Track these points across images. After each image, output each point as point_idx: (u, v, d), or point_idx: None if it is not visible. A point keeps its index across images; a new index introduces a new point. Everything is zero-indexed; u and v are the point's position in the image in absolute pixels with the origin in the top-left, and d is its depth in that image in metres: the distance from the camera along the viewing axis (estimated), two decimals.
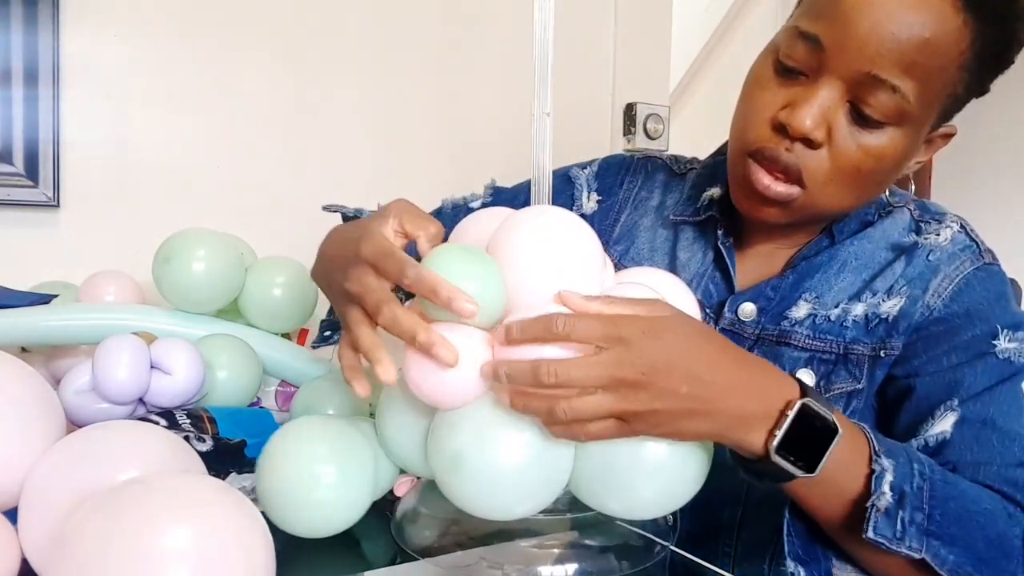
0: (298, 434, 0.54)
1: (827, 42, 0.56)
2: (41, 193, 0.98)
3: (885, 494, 0.49)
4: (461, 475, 0.47)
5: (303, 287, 0.85)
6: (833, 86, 0.57)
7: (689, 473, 0.49)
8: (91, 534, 0.33)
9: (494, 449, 0.46)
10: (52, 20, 0.97)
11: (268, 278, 0.84)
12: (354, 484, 0.54)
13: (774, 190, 0.60)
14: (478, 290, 0.46)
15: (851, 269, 0.66)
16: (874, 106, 0.56)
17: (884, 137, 0.57)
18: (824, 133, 0.57)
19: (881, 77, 0.55)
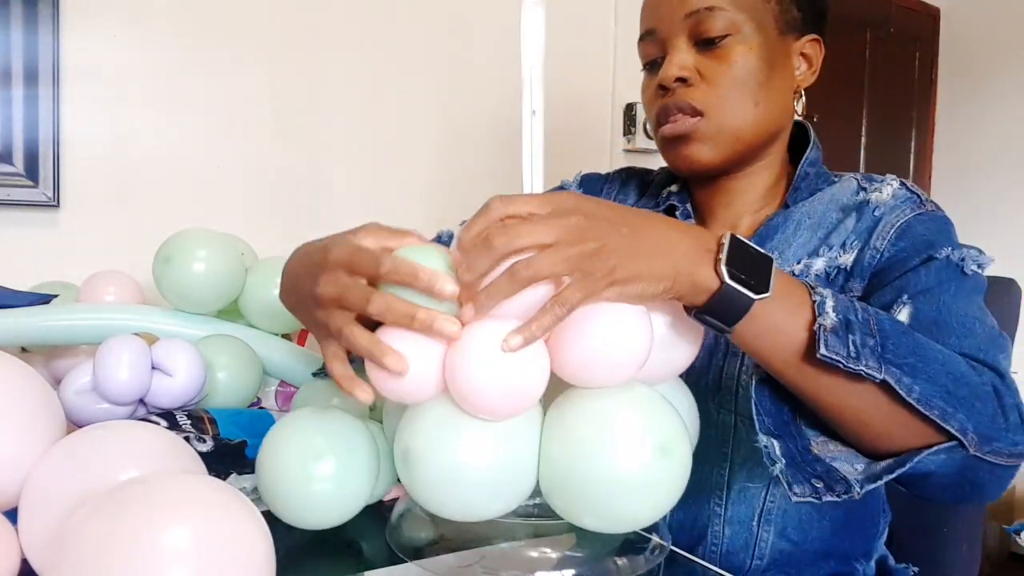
0: (297, 425, 0.55)
1: (655, 26, 0.72)
2: (41, 193, 0.98)
3: (829, 314, 0.50)
4: (412, 473, 0.47)
5: None
6: (676, 42, 0.71)
7: (663, 487, 0.47)
8: (91, 534, 0.33)
9: (443, 446, 0.46)
10: (52, 20, 0.97)
11: (268, 278, 0.84)
12: (352, 476, 0.54)
13: (678, 127, 0.71)
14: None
15: (806, 227, 0.72)
16: (708, 28, 0.69)
17: (734, 46, 0.70)
18: (690, 71, 0.70)
19: (695, 9, 0.69)
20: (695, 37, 0.70)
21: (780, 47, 0.72)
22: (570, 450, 0.47)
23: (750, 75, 0.70)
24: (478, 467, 0.46)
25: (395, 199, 1.28)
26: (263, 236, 0.96)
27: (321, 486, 0.53)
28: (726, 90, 0.70)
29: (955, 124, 2.75)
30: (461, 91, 1.32)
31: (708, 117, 0.70)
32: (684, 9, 0.70)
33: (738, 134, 0.71)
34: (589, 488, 0.46)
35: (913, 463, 0.49)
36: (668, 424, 0.48)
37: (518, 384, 0.45)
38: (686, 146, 0.71)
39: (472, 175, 1.35)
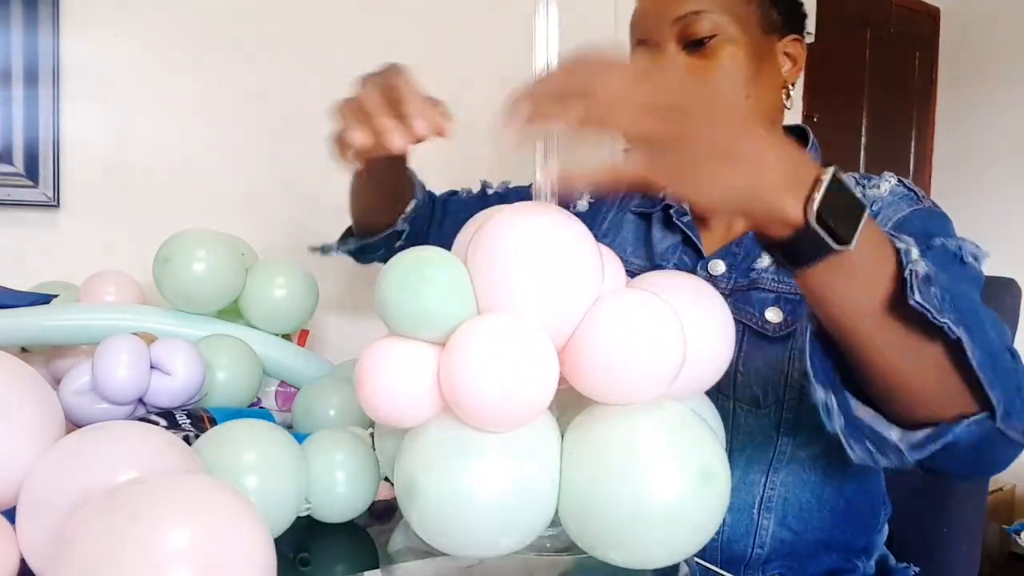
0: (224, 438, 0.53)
1: (647, 35, 0.76)
2: (41, 193, 0.98)
3: (919, 262, 0.47)
4: (417, 504, 0.43)
5: (303, 288, 0.85)
6: (666, 47, 0.75)
7: (705, 516, 0.42)
8: (90, 535, 0.33)
9: (450, 476, 0.42)
10: (52, 20, 0.97)
11: (268, 279, 0.84)
12: (274, 495, 0.52)
13: None
14: (440, 299, 0.43)
15: None
16: (696, 31, 0.73)
17: (722, 45, 0.73)
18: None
19: (682, 13, 0.73)
20: (684, 40, 0.74)
21: (765, 46, 0.76)
22: (595, 475, 0.42)
23: (739, 71, 0.74)
24: (488, 494, 0.41)
25: None
26: (263, 236, 0.96)
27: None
28: (718, 86, 0.73)
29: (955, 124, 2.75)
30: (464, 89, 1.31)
31: None
32: (671, 15, 0.74)
33: None
34: (618, 519, 0.41)
35: (954, 433, 0.48)
36: (708, 446, 0.43)
37: (519, 385, 0.41)
38: None
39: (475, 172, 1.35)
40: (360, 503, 0.59)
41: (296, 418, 0.74)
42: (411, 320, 0.43)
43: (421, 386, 0.43)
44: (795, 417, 0.69)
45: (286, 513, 0.54)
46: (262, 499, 0.51)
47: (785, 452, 0.70)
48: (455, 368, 0.41)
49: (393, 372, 0.43)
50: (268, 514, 0.44)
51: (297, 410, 0.74)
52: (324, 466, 0.57)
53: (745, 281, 0.73)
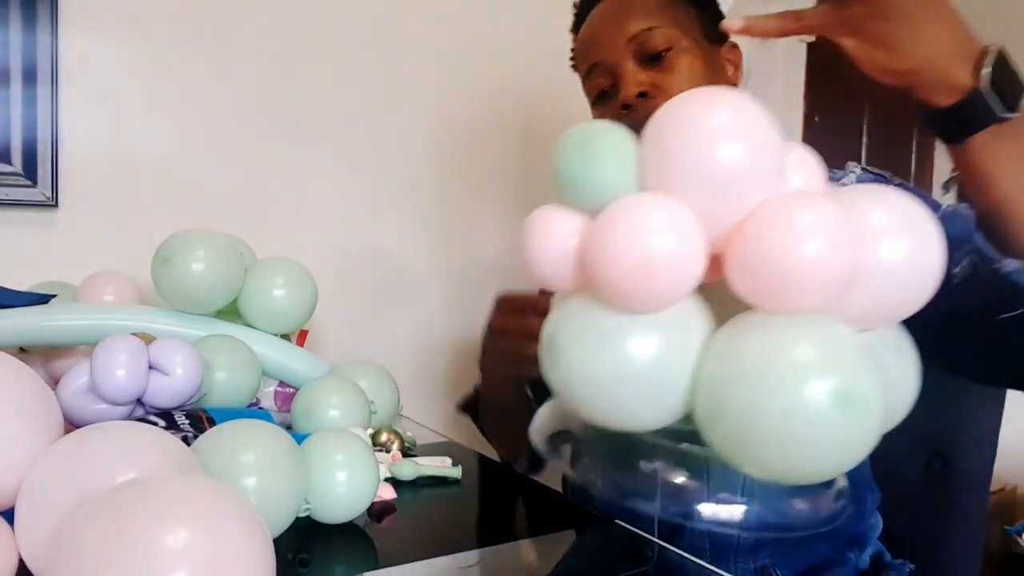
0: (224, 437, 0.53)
1: (598, 58, 0.79)
2: (39, 193, 0.98)
3: None
4: (554, 360, 0.43)
5: (302, 288, 0.85)
6: (625, 65, 0.77)
7: (838, 440, 0.37)
8: (89, 535, 0.33)
9: (587, 333, 0.41)
10: (50, 20, 0.97)
11: (267, 279, 0.84)
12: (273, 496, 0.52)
13: None
14: (599, 169, 0.44)
15: None
16: (652, 46, 0.76)
17: (679, 56, 0.77)
18: (648, 86, 0.76)
19: (636, 32, 0.76)
20: (641, 57, 0.77)
21: (712, 54, 0.81)
22: (730, 377, 0.39)
23: (699, 78, 0.77)
24: (620, 360, 0.40)
25: (397, 199, 1.28)
26: (263, 237, 0.96)
27: None
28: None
29: None
30: (463, 91, 1.31)
31: None
32: (625, 35, 0.77)
33: None
34: (748, 425, 0.38)
35: None
36: (854, 368, 0.38)
37: (654, 258, 0.38)
38: None
39: (477, 176, 1.35)
40: (360, 504, 0.59)
41: (295, 418, 0.74)
42: (570, 187, 0.43)
43: (567, 255, 0.43)
44: None
45: (285, 514, 0.53)
46: (261, 500, 0.50)
47: None
48: (593, 238, 0.41)
49: (546, 236, 0.44)
50: (267, 515, 0.44)
51: (296, 410, 0.74)
52: (323, 467, 0.57)
53: None
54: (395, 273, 1.28)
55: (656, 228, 0.39)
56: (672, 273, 0.39)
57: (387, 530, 0.62)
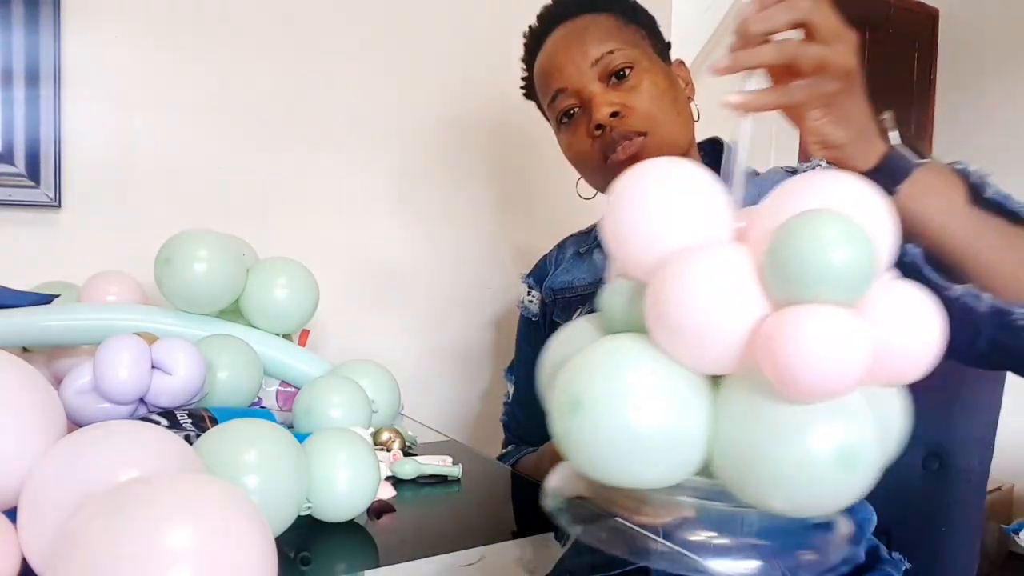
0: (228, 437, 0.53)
1: (563, 83, 0.83)
2: (42, 193, 0.99)
3: (973, 172, 0.64)
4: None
5: (304, 288, 0.86)
6: (592, 87, 0.82)
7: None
8: (92, 534, 0.33)
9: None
10: (53, 21, 0.97)
11: (269, 279, 0.84)
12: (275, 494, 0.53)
13: (631, 148, 0.80)
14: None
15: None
16: (616, 66, 0.81)
17: (641, 74, 0.82)
18: (618, 105, 0.80)
19: (599, 56, 0.81)
20: (605, 77, 0.82)
21: (667, 70, 0.86)
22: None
23: (664, 92, 0.82)
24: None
25: (398, 199, 1.28)
26: (264, 237, 0.96)
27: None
28: (654, 109, 0.81)
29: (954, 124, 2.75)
30: (463, 93, 1.32)
31: (651, 134, 0.80)
32: (588, 60, 0.82)
33: (677, 141, 0.82)
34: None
35: None
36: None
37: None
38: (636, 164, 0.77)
39: (482, 176, 1.35)
40: (361, 502, 0.59)
41: (296, 417, 0.74)
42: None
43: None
44: None
45: (287, 512, 0.54)
46: (263, 498, 0.51)
47: None
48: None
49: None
50: (269, 513, 0.44)
51: (297, 409, 0.74)
52: (325, 465, 0.58)
53: None
54: (397, 273, 1.28)
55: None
56: None
57: (388, 528, 0.62)
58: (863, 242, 0.39)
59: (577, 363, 0.44)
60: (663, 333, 0.42)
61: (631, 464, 0.42)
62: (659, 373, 0.42)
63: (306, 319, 0.87)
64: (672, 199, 0.45)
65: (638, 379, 0.42)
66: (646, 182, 0.46)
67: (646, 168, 0.47)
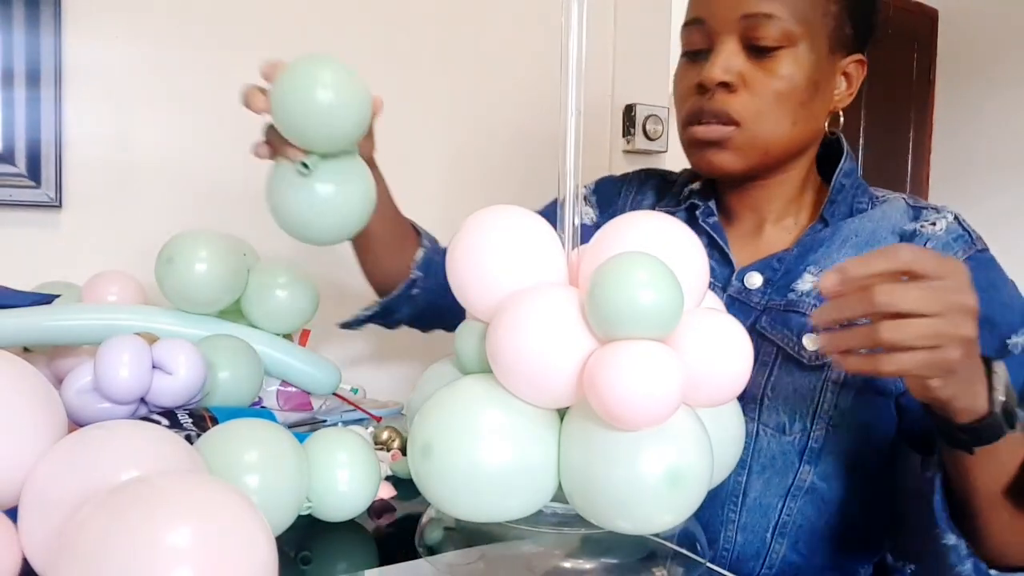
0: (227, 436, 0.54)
1: (706, 15, 0.69)
2: (43, 194, 0.99)
3: None
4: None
5: (305, 288, 0.86)
6: (726, 41, 0.68)
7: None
8: (92, 534, 0.33)
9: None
10: (54, 22, 0.97)
11: (270, 279, 0.84)
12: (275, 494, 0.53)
13: (711, 133, 0.69)
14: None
15: (852, 245, 0.70)
16: (763, 36, 0.67)
17: (785, 60, 0.67)
18: (735, 76, 0.68)
19: (754, 12, 0.66)
20: (746, 41, 0.68)
21: (827, 66, 0.70)
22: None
23: (794, 92, 0.68)
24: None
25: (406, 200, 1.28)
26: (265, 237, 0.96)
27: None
28: (767, 104, 0.68)
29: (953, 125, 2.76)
30: (475, 90, 1.32)
31: (743, 128, 0.68)
32: (742, 9, 0.67)
33: (768, 148, 0.70)
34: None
35: None
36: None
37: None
38: (715, 152, 0.70)
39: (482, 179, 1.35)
40: (361, 502, 0.59)
41: None
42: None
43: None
44: (820, 447, 0.68)
45: (287, 512, 0.54)
46: (263, 498, 0.51)
47: (805, 480, 0.68)
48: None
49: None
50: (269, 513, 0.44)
51: None
52: (325, 465, 0.58)
53: (782, 300, 0.70)
54: None
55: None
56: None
57: (388, 528, 0.63)
58: (669, 282, 0.43)
59: (428, 407, 0.47)
60: (503, 373, 0.46)
61: (484, 501, 0.45)
62: (504, 412, 0.45)
63: (306, 319, 0.87)
64: (504, 246, 0.48)
65: (484, 421, 0.45)
66: (481, 230, 0.50)
67: (477, 218, 0.51)
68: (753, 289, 0.72)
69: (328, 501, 0.58)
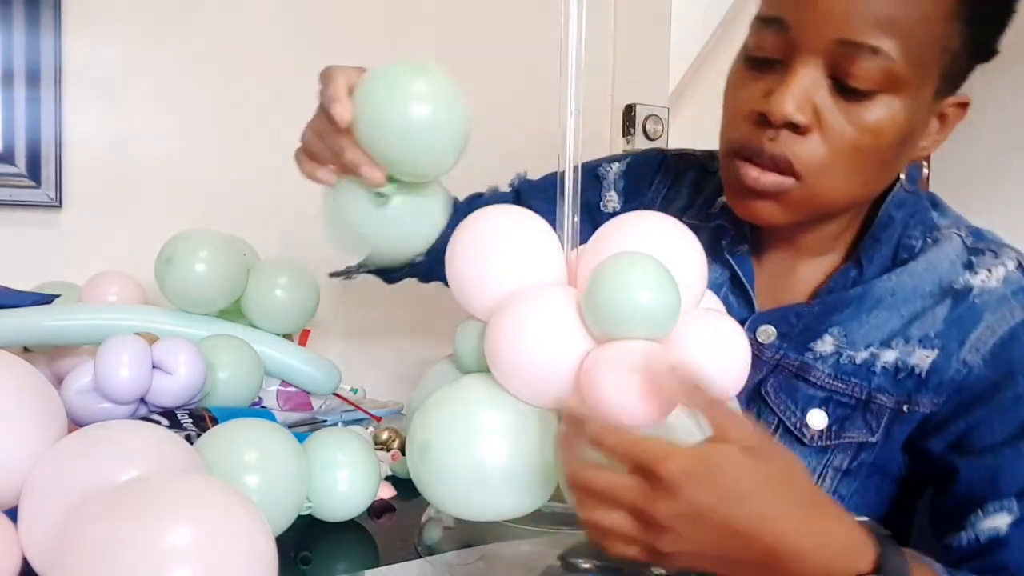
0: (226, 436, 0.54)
1: (791, 19, 0.52)
2: (43, 194, 0.99)
3: None
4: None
5: (305, 288, 0.86)
6: (809, 63, 0.52)
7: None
8: (92, 534, 0.33)
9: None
10: (54, 22, 0.97)
11: (270, 279, 0.84)
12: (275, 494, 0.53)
13: (763, 182, 0.55)
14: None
15: (886, 306, 0.59)
16: (858, 75, 0.51)
17: (879, 108, 0.52)
18: (810, 115, 0.52)
19: (857, 41, 0.50)
20: (835, 71, 0.52)
21: (927, 113, 0.55)
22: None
23: (878, 150, 0.54)
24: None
25: None
26: (265, 237, 0.96)
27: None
28: (840, 158, 0.54)
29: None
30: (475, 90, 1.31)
31: (803, 182, 0.55)
32: (841, 32, 0.50)
33: (827, 207, 0.58)
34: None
35: None
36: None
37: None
38: (761, 203, 0.57)
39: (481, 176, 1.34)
40: (360, 502, 0.59)
41: None
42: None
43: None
44: (847, 469, 0.60)
45: (287, 512, 0.54)
46: (263, 498, 0.51)
47: None
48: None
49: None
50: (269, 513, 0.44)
51: None
52: (325, 465, 0.58)
53: (796, 359, 0.61)
54: None
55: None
56: None
57: (388, 528, 0.63)
58: (667, 283, 0.43)
59: (427, 407, 0.48)
60: (502, 372, 0.46)
61: (482, 499, 0.46)
62: (502, 412, 0.46)
63: (306, 319, 0.87)
64: (503, 246, 0.48)
65: (482, 420, 0.45)
66: (479, 230, 0.50)
67: (476, 218, 0.50)
68: (766, 344, 0.62)
69: (328, 501, 0.58)
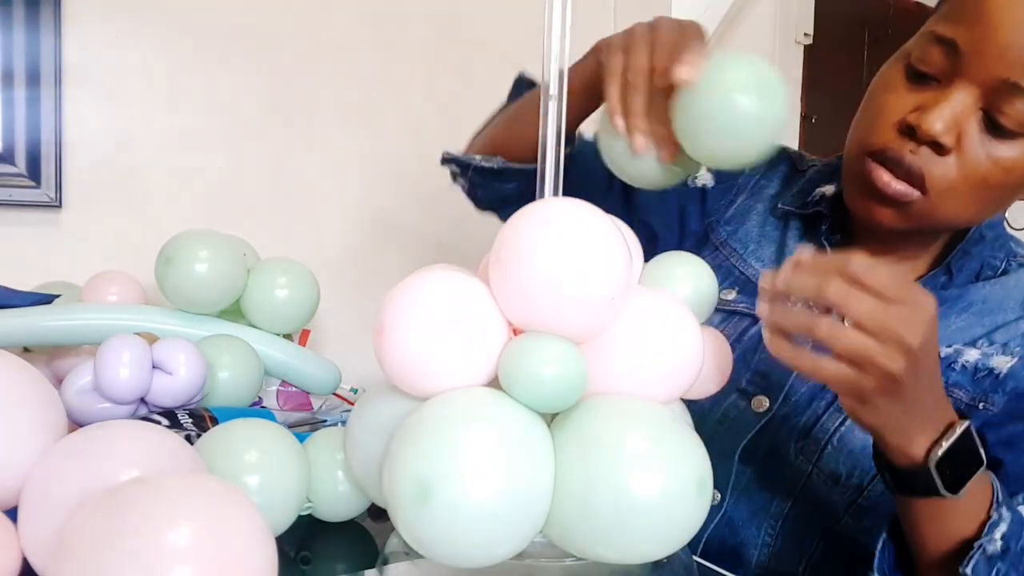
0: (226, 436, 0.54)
1: (965, 46, 0.54)
2: (43, 194, 0.99)
3: (995, 541, 0.49)
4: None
5: (305, 288, 0.86)
6: (967, 92, 0.54)
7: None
8: (92, 534, 0.33)
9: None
10: (54, 21, 0.98)
11: (270, 279, 0.84)
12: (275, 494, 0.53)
13: (893, 188, 0.57)
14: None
15: (976, 311, 0.63)
16: (1010, 115, 0.53)
17: (1017, 149, 0.55)
18: (954, 139, 0.55)
19: (1021, 85, 0.52)
20: (990, 106, 0.54)
21: None
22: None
23: (1005, 188, 0.57)
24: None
25: (403, 200, 1.28)
26: (266, 237, 0.96)
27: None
28: (968, 185, 0.56)
29: None
30: (463, 88, 1.32)
31: (929, 198, 0.57)
32: (1007, 72, 0.52)
33: (941, 224, 0.61)
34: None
35: None
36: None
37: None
38: (883, 207, 0.60)
39: None
40: (361, 502, 0.59)
41: None
42: None
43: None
44: (870, 506, 0.62)
45: (287, 512, 0.54)
46: (263, 498, 0.51)
47: (846, 538, 0.64)
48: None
49: None
50: (269, 513, 0.44)
51: None
52: (325, 465, 0.58)
53: None
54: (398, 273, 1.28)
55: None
56: None
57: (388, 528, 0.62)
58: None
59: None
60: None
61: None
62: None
63: (307, 319, 0.87)
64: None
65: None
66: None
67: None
68: None
69: (328, 501, 0.58)
